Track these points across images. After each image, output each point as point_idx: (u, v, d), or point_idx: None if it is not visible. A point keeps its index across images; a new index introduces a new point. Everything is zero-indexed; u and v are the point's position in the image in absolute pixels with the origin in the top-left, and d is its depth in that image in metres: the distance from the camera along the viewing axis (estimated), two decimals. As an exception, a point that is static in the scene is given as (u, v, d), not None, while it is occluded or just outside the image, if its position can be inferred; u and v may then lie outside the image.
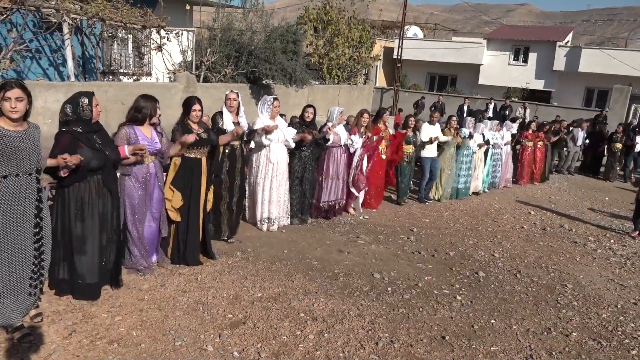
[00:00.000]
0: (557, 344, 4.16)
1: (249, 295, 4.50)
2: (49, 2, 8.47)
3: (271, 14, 13.57)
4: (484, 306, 4.76)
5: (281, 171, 6.22)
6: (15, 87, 3.20)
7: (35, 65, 9.44)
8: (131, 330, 3.73)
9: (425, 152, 8.36)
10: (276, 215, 6.31)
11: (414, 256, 6.01)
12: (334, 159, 7.01)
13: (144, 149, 4.22)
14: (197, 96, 5.00)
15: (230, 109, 5.67)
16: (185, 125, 4.88)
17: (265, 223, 6.27)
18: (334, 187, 7.06)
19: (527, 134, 11.03)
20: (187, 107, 4.89)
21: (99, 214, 3.95)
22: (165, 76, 11.29)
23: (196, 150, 4.91)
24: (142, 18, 9.92)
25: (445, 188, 8.87)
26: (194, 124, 4.91)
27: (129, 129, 4.35)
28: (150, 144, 4.40)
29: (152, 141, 4.45)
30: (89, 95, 3.87)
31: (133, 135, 4.34)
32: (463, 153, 8.94)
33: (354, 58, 17.27)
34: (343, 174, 7.12)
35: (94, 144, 3.81)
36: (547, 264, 6.14)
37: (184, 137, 4.62)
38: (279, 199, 6.28)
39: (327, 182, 7.02)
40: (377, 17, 29.97)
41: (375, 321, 4.24)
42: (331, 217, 7.10)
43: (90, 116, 3.84)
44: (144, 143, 4.30)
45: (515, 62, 24.19)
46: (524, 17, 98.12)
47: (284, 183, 6.30)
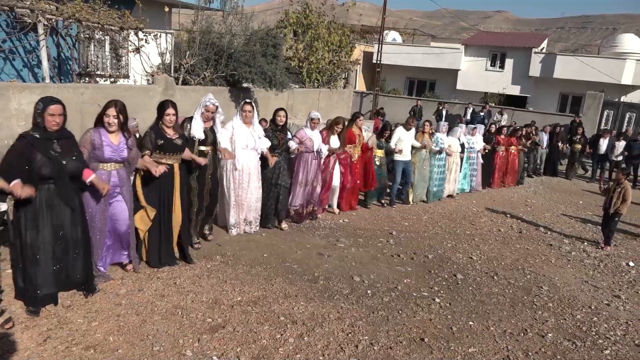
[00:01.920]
0: (533, 344, 4.23)
1: (229, 299, 4.46)
2: (24, 2, 8.30)
3: (251, 17, 13.55)
4: (462, 308, 4.81)
5: (250, 178, 6.09)
6: None
7: (8, 67, 9.23)
8: (108, 335, 3.67)
9: (398, 156, 8.35)
10: (241, 219, 6.22)
11: (393, 259, 6.04)
12: (305, 164, 6.92)
13: (106, 190, 4.02)
14: (172, 100, 4.85)
15: (205, 118, 5.38)
16: (159, 129, 4.73)
17: (232, 228, 6.19)
18: (302, 192, 6.94)
19: (500, 139, 11.13)
20: (161, 111, 4.74)
21: (52, 225, 3.76)
22: (144, 78, 11.16)
23: (169, 156, 4.76)
24: (120, 19, 9.80)
25: (420, 191, 8.90)
26: (168, 128, 4.75)
27: (95, 133, 4.15)
28: (114, 151, 4.21)
29: (118, 148, 4.24)
30: (46, 101, 3.67)
31: (98, 139, 4.13)
32: (436, 157, 8.99)
33: (333, 62, 17.36)
34: (313, 180, 7.00)
35: (48, 152, 3.62)
36: (524, 266, 6.24)
37: (155, 168, 4.44)
38: (249, 205, 6.18)
39: (295, 187, 6.92)
40: (356, 21, 30.14)
41: (355, 324, 4.25)
42: (300, 222, 6.99)
43: (42, 124, 3.63)
44: (106, 148, 4.14)
45: (492, 68, 24.56)
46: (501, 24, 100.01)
47: (254, 189, 6.17)
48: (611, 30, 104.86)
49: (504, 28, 76.08)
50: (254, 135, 6.00)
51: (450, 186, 9.66)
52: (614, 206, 7.21)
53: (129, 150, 4.32)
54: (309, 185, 6.99)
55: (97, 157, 4.16)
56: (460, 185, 10.09)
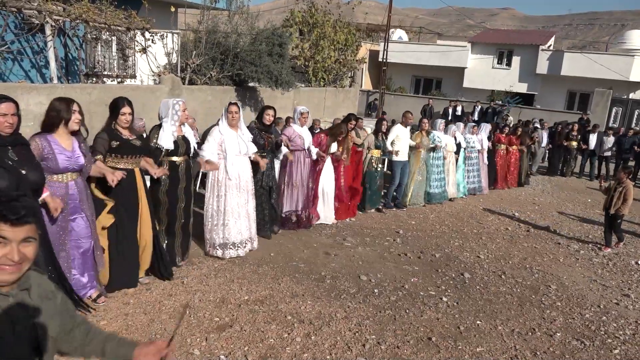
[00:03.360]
0: (541, 344, 4.21)
1: (236, 299, 4.48)
2: (31, 4, 8.36)
3: (257, 17, 13.56)
4: (470, 307, 4.80)
5: (245, 188, 5.41)
6: None
7: (17, 67, 9.30)
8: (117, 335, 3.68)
9: (395, 156, 7.98)
10: (239, 240, 5.44)
11: (400, 258, 6.03)
12: (298, 164, 6.42)
13: (58, 211, 3.50)
14: (126, 97, 4.23)
15: (185, 120, 4.89)
16: (112, 130, 4.14)
17: (220, 249, 5.37)
18: (299, 195, 6.48)
19: (500, 137, 10.86)
20: (115, 110, 4.13)
21: None
22: (150, 78, 11.20)
23: (127, 159, 4.20)
24: (127, 20, 9.84)
25: (417, 192, 8.57)
26: (123, 129, 4.18)
27: (41, 140, 3.51)
28: (69, 158, 3.63)
29: (73, 154, 3.66)
30: None
31: (47, 147, 3.52)
32: (433, 157, 8.65)
33: (339, 61, 17.34)
34: (307, 180, 6.53)
35: (2, 160, 3.08)
36: (532, 265, 6.21)
37: (111, 176, 3.88)
38: (246, 219, 5.47)
39: (290, 189, 6.44)
40: (362, 20, 30.09)
41: (362, 323, 4.25)
42: (300, 228, 6.58)
43: None
44: (60, 156, 3.57)
45: (499, 66, 24.47)
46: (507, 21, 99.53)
47: (251, 200, 5.52)
48: (619, 27, 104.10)
49: (510, 25, 75.68)
50: (243, 139, 5.39)
51: (450, 189, 9.26)
52: (614, 207, 6.92)
53: (84, 156, 3.77)
54: (304, 187, 6.52)
55: (49, 169, 3.56)
56: (462, 189, 9.66)
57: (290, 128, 6.49)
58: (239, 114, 5.34)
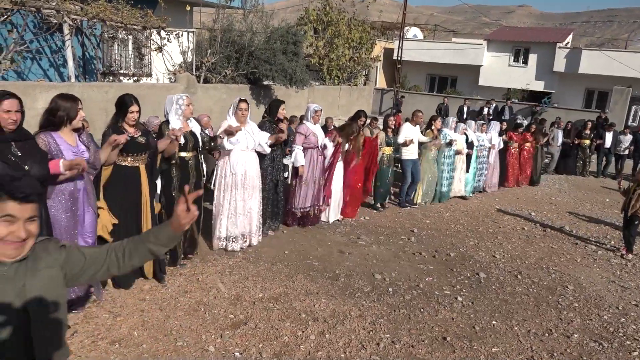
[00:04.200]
0: (558, 345, 4.16)
1: (250, 296, 4.49)
2: (50, 3, 8.47)
3: (271, 15, 13.60)
4: (485, 307, 4.76)
5: (250, 183, 5.44)
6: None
7: (35, 66, 9.44)
8: (132, 330, 3.73)
9: (405, 154, 7.95)
10: (240, 233, 5.51)
11: (414, 257, 6.00)
12: (311, 161, 6.43)
13: (82, 163, 3.52)
14: (133, 95, 4.22)
15: (189, 115, 4.88)
16: (118, 128, 4.14)
17: (224, 241, 5.49)
18: (309, 191, 6.50)
19: (512, 135, 10.69)
20: (123, 108, 4.12)
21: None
22: (166, 77, 11.30)
23: (133, 157, 4.21)
24: (143, 19, 9.93)
25: (428, 191, 8.51)
26: (130, 127, 4.19)
27: (46, 137, 3.51)
28: (75, 153, 3.62)
29: (78, 150, 3.66)
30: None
31: (53, 144, 3.52)
32: (445, 155, 8.58)
33: (354, 59, 17.31)
34: (319, 178, 6.55)
35: (5, 156, 3.11)
36: (548, 265, 6.14)
37: (114, 137, 3.87)
38: (247, 214, 5.51)
39: (300, 186, 6.47)
40: (377, 18, 29.99)
41: (377, 322, 4.24)
42: (307, 225, 6.61)
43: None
44: (67, 153, 3.55)
45: (516, 64, 24.20)
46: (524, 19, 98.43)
47: (255, 196, 5.53)
48: (639, 24, 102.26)
49: (526, 23, 74.84)
50: (250, 134, 5.43)
51: (456, 185, 9.14)
52: (632, 209, 6.65)
53: (88, 149, 3.76)
54: (316, 184, 6.54)
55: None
56: (469, 187, 9.52)
57: (304, 125, 6.49)
58: (248, 111, 5.40)
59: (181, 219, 1.81)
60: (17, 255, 1.60)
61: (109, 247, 1.86)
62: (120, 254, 1.83)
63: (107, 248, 1.86)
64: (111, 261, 1.82)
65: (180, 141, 4.61)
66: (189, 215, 1.82)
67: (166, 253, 4.86)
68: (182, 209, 1.81)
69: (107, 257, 1.82)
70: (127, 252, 1.84)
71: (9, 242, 1.56)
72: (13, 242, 1.57)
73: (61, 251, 1.76)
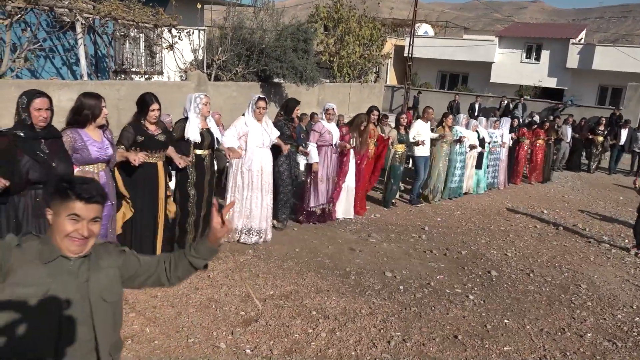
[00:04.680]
0: (571, 344, 4.12)
1: (261, 293, 4.51)
2: (62, 2, 8.54)
3: (282, 13, 13.58)
4: (497, 306, 4.73)
5: (266, 179, 5.55)
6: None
7: (48, 65, 9.53)
8: (145, 326, 3.76)
9: (418, 151, 7.92)
10: (256, 227, 5.60)
11: (425, 255, 5.98)
12: (325, 159, 6.48)
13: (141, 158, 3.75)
14: (153, 93, 4.34)
15: (206, 113, 4.96)
16: (139, 126, 4.24)
17: (238, 234, 5.60)
18: (324, 189, 6.54)
19: (524, 131, 10.58)
20: (144, 107, 4.24)
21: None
22: (177, 75, 11.34)
23: (152, 154, 4.29)
24: (154, 17, 9.97)
25: (438, 187, 8.49)
26: (150, 125, 4.30)
27: (74, 133, 3.65)
28: (100, 149, 3.75)
29: (102, 145, 3.77)
30: (30, 95, 3.25)
31: (79, 139, 3.67)
32: (456, 151, 8.52)
33: (364, 56, 17.23)
34: (333, 176, 6.59)
35: (35, 153, 3.20)
36: (561, 263, 6.08)
37: (135, 156, 4.03)
38: (262, 210, 5.59)
39: (316, 184, 6.49)
40: (387, 15, 29.87)
41: (387, 320, 4.23)
42: (322, 222, 6.65)
43: (28, 120, 3.23)
44: (92, 148, 3.70)
45: (528, 60, 23.97)
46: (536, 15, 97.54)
47: (270, 191, 5.64)
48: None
49: (539, 19, 74.15)
50: (267, 131, 5.51)
51: (467, 182, 9.11)
52: None
53: (112, 144, 3.90)
54: (330, 182, 6.60)
55: (82, 159, 3.68)
56: (483, 183, 9.51)
57: (319, 124, 6.55)
58: (266, 109, 5.46)
59: (217, 233, 1.93)
60: (80, 251, 1.76)
61: (159, 257, 2.01)
62: (168, 264, 1.97)
63: (158, 258, 2.00)
64: (161, 270, 1.98)
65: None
66: (224, 229, 1.93)
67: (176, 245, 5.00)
68: (218, 223, 1.91)
69: (158, 266, 1.97)
70: (172, 263, 1.97)
71: (73, 238, 1.73)
72: (77, 239, 1.73)
73: (120, 254, 1.92)
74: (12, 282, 1.70)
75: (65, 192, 1.72)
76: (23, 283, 1.70)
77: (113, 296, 1.87)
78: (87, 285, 1.78)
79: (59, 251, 1.75)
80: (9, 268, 1.71)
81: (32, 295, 1.69)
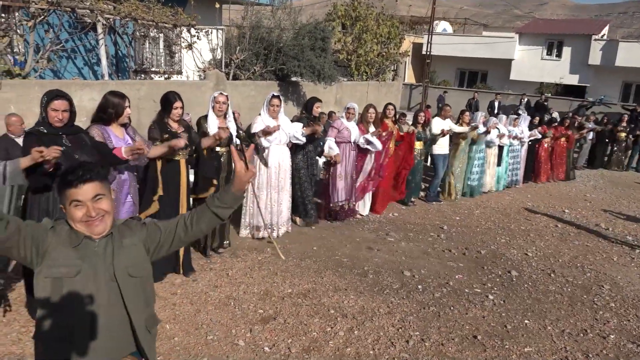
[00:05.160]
0: (594, 346, 4.05)
1: (279, 291, 4.52)
2: (84, 3, 8.68)
3: (299, 11, 13.60)
4: (517, 306, 4.66)
5: (282, 176, 5.66)
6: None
7: (71, 65, 9.69)
8: (165, 323, 3.80)
9: (437, 149, 7.88)
10: (269, 223, 5.68)
11: (444, 254, 5.93)
12: (343, 156, 6.52)
13: (143, 148, 3.69)
14: (176, 92, 4.44)
15: (218, 112, 5.00)
16: (163, 124, 4.34)
17: (249, 229, 5.73)
18: (343, 186, 6.60)
19: (546, 129, 10.41)
20: (167, 105, 4.33)
21: None
22: (196, 74, 11.44)
23: (175, 151, 4.34)
24: (173, 17, 10.08)
25: (457, 185, 8.42)
26: (174, 122, 4.39)
27: (100, 130, 3.76)
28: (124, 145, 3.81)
29: (126, 142, 3.86)
30: (51, 95, 3.30)
31: (106, 136, 3.76)
32: (476, 149, 8.43)
33: (382, 54, 17.17)
34: (352, 173, 6.65)
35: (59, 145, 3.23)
36: (583, 263, 5.98)
37: (175, 142, 4.12)
38: (279, 206, 5.71)
39: (335, 181, 6.56)
40: (405, 12, 29.68)
41: (406, 319, 4.21)
42: (342, 219, 6.70)
43: (46, 119, 3.29)
44: (117, 145, 3.76)
45: (549, 57, 23.60)
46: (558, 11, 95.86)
47: (287, 188, 5.76)
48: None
49: (560, 15, 72.89)
50: (283, 128, 5.56)
51: (488, 180, 9.04)
52: None
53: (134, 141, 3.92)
54: (349, 178, 6.63)
55: None
56: (502, 180, 9.45)
57: (338, 120, 6.66)
58: (280, 107, 5.53)
59: (242, 177, 1.93)
60: (100, 231, 1.84)
61: (179, 217, 2.05)
62: (189, 221, 1.99)
63: (177, 218, 2.03)
64: (180, 228, 2.00)
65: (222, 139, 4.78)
66: (248, 173, 1.93)
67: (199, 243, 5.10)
68: (242, 167, 1.92)
69: (177, 226, 1.99)
70: (195, 218, 1.98)
71: (85, 222, 1.80)
72: (89, 221, 1.80)
73: (142, 228, 1.97)
74: (48, 264, 1.78)
75: (60, 184, 1.81)
76: (57, 264, 1.78)
77: (140, 271, 1.92)
78: (113, 266, 1.84)
79: (82, 234, 1.83)
80: (45, 250, 1.78)
81: (65, 274, 1.78)
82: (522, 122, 9.80)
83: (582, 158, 13.13)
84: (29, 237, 1.76)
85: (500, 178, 9.38)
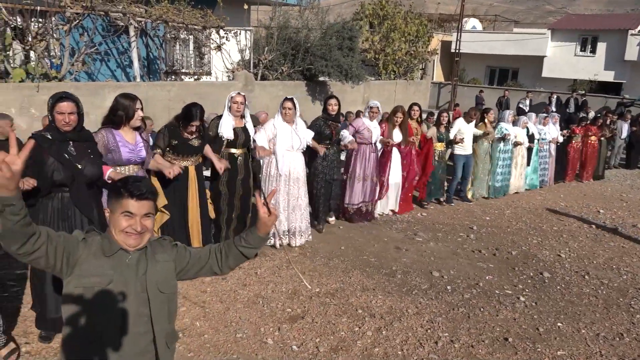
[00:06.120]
0: (630, 350, 3.93)
1: (307, 291, 4.54)
2: (117, 7, 8.88)
3: (327, 11, 13.61)
4: (550, 308, 4.56)
5: (297, 184, 5.39)
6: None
7: (104, 67, 9.93)
8: (195, 321, 3.86)
9: (458, 149, 7.71)
10: (285, 230, 5.48)
11: (474, 255, 5.85)
12: (362, 157, 6.37)
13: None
14: (200, 107, 4.33)
15: (235, 113, 4.86)
16: (175, 130, 4.31)
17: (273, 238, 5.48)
18: (360, 188, 6.44)
19: (575, 129, 10.16)
20: (186, 120, 4.27)
21: None
22: (225, 75, 11.57)
23: (184, 158, 4.38)
24: (203, 19, 10.21)
25: (479, 186, 8.27)
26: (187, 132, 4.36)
27: (107, 133, 3.65)
28: (132, 151, 3.73)
29: (136, 147, 3.76)
30: (56, 97, 3.16)
31: (112, 140, 3.64)
32: (500, 149, 8.26)
33: (410, 53, 17.01)
34: (372, 175, 6.47)
35: (61, 155, 3.14)
36: (619, 265, 5.81)
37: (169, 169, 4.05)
38: (297, 213, 5.46)
39: (352, 182, 6.42)
40: (434, 10, 29.35)
41: (435, 320, 4.17)
42: (356, 222, 6.54)
43: (54, 122, 3.16)
44: (123, 149, 3.68)
45: (582, 53, 22.97)
46: (591, 5, 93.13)
47: (303, 195, 5.48)
48: None
49: (594, 10, 70.69)
50: (298, 134, 5.33)
51: (516, 182, 8.84)
52: None
53: (147, 147, 3.90)
54: (368, 180, 6.45)
55: (112, 160, 3.67)
56: (530, 180, 9.24)
57: (359, 120, 6.46)
58: (293, 110, 5.26)
59: (266, 222, 1.99)
60: (136, 245, 1.89)
61: (210, 247, 2.10)
62: (219, 254, 2.06)
63: (208, 249, 2.09)
64: (213, 261, 2.07)
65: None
66: (271, 217, 1.98)
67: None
68: (265, 212, 1.97)
69: (209, 257, 2.06)
70: (224, 253, 2.05)
71: (128, 233, 1.86)
72: (132, 233, 1.86)
73: (173, 248, 2.05)
74: (78, 274, 1.83)
75: (118, 191, 1.86)
76: (88, 274, 1.83)
77: (169, 288, 1.98)
78: (145, 278, 1.90)
79: (118, 245, 1.88)
80: (76, 261, 1.83)
81: (97, 284, 1.82)
82: (551, 122, 9.59)
83: (615, 157, 12.74)
84: (60, 247, 1.80)
85: (527, 178, 9.20)
